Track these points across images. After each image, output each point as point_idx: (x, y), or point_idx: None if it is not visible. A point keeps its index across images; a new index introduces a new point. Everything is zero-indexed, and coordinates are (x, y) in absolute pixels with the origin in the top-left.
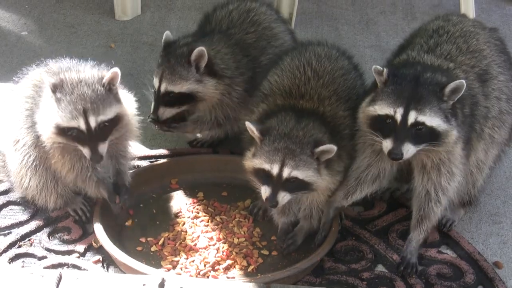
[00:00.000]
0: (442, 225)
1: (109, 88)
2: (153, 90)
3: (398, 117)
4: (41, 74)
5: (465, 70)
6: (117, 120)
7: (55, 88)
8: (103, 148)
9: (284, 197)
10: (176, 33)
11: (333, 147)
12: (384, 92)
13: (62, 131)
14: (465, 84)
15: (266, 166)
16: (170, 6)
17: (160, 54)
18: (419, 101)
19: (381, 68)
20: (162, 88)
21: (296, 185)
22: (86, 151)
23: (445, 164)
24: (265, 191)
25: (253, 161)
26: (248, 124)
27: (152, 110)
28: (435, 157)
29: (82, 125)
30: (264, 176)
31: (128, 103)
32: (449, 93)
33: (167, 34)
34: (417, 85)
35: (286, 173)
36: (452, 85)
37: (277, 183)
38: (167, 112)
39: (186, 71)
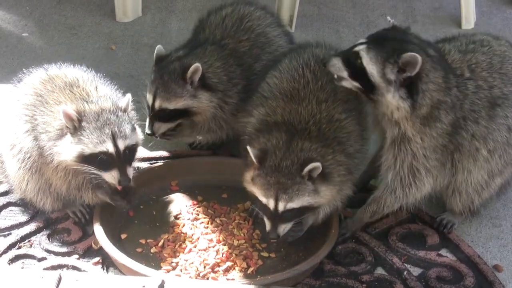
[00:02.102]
0: (443, 226)
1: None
2: (146, 105)
3: None
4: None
5: (479, 85)
6: (136, 148)
7: (80, 117)
8: (130, 171)
9: (284, 229)
10: (176, 35)
11: (317, 165)
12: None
13: (86, 158)
14: (419, 59)
15: (263, 200)
16: (170, 8)
17: (152, 68)
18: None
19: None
20: (157, 105)
21: (295, 213)
22: (114, 175)
23: (403, 143)
24: (266, 224)
25: (252, 188)
26: (248, 150)
27: (147, 125)
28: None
29: (111, 148)
30: (263, 206)
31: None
32: (403, 63)
33: (159, 48)
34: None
35: (281, 207)
36: (405, 56)
37: (275, 217)
38: (162, 127)
39: (181, 88)
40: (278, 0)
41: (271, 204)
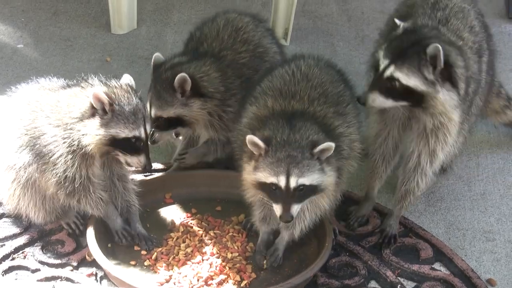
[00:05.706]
0: None
1: None
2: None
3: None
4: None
5: (471, 47)
6: None
7: (112, 101)
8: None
9: (297, 209)
10: (171, 47)
11: (331, 144)
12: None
13: (116, 142)
14: (439, 48)
15: (273, 179)
16: (166, 20)
17: (151, 77)
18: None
19: (399, 22)
20: (152, 114)
21: (304, 192)
22: (141, 159)
23: (442, 130)
24: (276, 208)
25: (257, 175)
26: (250, 138)
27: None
28: (435, 120)
29: (143, 134)
30: (271, 190)
31: None
32: (431, 60)
33: (156, 56)
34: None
35: (293, 182)
36: (429, 51)
37: (287, 196)
38: (163, 136)
39: (171, 97)
40: (273, 14)
41: (282, 181)
